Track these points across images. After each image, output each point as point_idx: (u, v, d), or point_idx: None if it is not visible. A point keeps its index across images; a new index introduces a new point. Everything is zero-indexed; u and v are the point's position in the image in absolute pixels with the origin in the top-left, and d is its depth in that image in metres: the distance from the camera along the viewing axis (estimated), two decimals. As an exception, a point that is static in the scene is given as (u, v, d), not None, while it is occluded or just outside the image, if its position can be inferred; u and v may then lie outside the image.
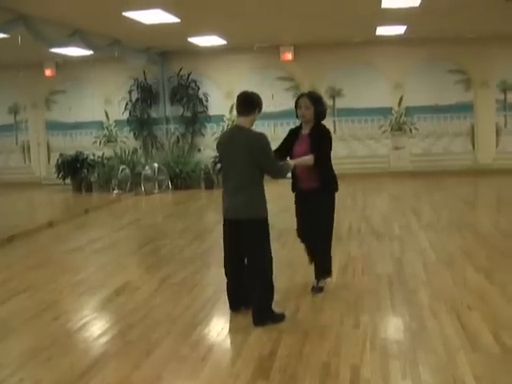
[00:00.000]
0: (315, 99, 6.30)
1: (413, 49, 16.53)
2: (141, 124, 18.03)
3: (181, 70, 17.53)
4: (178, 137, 17.99)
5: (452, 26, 14.21)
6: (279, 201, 9.67)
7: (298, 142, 6.32)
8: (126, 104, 17.95)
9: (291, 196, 6.60)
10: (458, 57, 16.62)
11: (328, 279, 6.61)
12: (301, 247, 6.77)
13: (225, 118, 17.49)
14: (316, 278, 6.53)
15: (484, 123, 16.91)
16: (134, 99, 17.94)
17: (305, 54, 17.00)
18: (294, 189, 6.52)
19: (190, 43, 15.50)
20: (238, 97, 5.70)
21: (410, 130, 17.17)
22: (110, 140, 18.53)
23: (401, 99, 17.09)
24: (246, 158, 5.46)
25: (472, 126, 16.99)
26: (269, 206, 5.60)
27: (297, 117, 6.35)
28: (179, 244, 9.42)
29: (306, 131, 6.32)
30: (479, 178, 16.19)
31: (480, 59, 16.49)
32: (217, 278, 7.00)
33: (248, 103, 5.64)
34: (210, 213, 12.80)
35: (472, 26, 14.35)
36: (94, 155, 17.33)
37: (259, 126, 11.96)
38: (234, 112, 6.11)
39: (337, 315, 5.70)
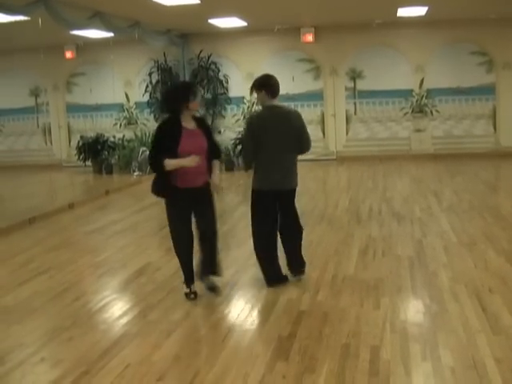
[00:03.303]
0: None
1: (434, 30, 16.34)
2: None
3: (201, 51, 17.46)
4: (198, 118, 17.92)
5: (474, 6, 14.01)
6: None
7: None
8: (147, 86, 17.91)
9: None
10: (480, 38, 16.39)
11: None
12: (321, 229, 6.75)
13: (245, 100, 17.41)
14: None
15: (506, 105, 16.69)
16: (154, 81, 17.89)
17: (326, 35, 16.87)
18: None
19: (211, 25, 15.44)
20: None
21: (431, 113, 17.02)
22: (130, 122, 18.56)
23: (422, 81, 16.92)
24: None
25: (494, 109, 16.78)
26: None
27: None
28: (199, 226, 9.41)
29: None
30: (501, 160, 16.02)
31: (502, 40, 16.24)
32: (237, 259, 7.00)
33: None
34: (230, 195, 12.78)
35: (494, 6, 14.14)
36: (114, 137, 17.41)
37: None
38: (255, 94, 6.09)
39: (357, 297, 5.69)
